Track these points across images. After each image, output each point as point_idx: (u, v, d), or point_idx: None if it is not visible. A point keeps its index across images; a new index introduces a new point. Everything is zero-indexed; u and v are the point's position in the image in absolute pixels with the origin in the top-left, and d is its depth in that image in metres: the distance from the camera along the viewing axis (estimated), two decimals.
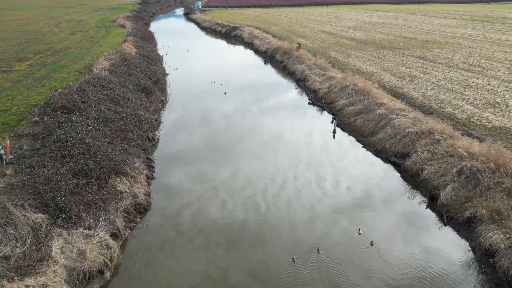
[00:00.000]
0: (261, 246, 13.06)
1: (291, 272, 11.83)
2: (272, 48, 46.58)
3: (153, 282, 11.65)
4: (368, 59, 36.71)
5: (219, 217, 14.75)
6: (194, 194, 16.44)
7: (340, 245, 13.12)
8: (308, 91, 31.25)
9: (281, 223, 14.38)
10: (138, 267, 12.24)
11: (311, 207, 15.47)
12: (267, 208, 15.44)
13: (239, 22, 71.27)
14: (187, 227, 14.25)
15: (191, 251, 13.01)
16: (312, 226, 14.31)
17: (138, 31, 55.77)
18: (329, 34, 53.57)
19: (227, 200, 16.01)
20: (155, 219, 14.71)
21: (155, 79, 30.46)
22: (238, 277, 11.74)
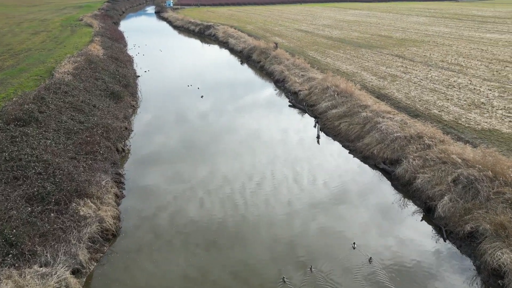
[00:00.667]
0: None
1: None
2: (248, 47, 45.02)
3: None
4: (347, 59, 35.79)
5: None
6: (169, 209, 14.78)
7: (338, 260, 11.84)
8: (288, 93, 29.93)
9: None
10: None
11: (303, 223, 14.13)
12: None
13: (213, 21, 69.29)
14: (164, 250, 12.60)
15: (169, 277, 11.41)
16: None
17: (106, 31, 52.90)
18: (305, 33, 52.54)
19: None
20: (126, 244, 12.95)
21: (124, 83, 28.34)
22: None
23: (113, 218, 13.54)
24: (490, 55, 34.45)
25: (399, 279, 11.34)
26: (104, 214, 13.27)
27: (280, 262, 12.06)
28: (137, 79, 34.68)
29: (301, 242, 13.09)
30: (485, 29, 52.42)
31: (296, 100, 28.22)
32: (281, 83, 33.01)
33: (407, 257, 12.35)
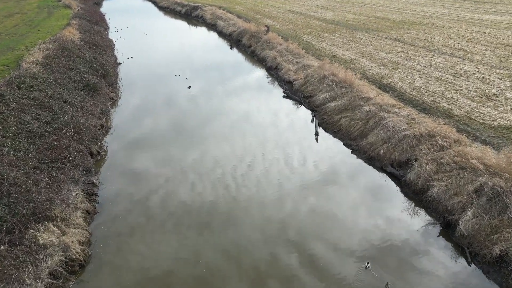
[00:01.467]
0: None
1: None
2: (238, 30, 42.18)
3: None
4: (343, 43, 33.39)
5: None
6: (148, 238, 12.69)
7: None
8: (282, 82, 27.60)
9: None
10: None
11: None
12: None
13: (200, 1, 65.69)
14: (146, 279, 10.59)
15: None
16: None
17: (86, 12, 49.36)
18: (297, 14, 49.70)
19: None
20: (96, 275, 10.87)
21: (103, 72, 25.65)
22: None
23: (81, 244, 11.39)
24: (494, 39, 32.39)
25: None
26: (70, 240, 11.10)
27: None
28: (118, 67, 31.93)
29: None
30: (483, 10, 50.16)
31: (291, 90, 25.93)
32: (273, 70, 30.60)
33: (426, 284, 10.54)
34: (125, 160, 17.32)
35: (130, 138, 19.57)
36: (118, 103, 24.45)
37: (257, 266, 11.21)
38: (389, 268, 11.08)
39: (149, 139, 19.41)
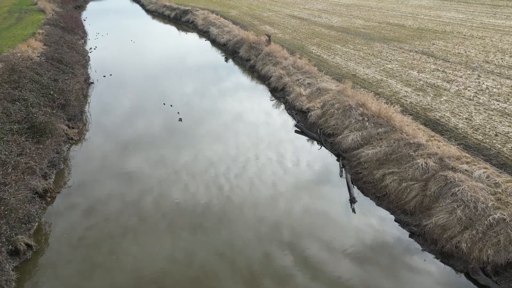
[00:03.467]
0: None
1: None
2: (234, 39, 36.13)
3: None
4: (361, 58, 27.55)
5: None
6: None
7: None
8: (292, 111, 21.66)
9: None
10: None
11: None
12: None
13: (191, 4, 59.41)
14: None
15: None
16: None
17: (61, 18, 42.86)
18: (300, 20, 43.76)
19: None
20: None
21: (61, 102, 19.43)
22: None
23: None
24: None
25: None
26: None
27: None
28: (89, 88, 25.75)
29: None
30: (503, 14, 44.76)
31: (305, 123, 20.01)
32: (279, 92, 24.66)
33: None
34: (74, 270, 11.12)
35: (89, 211, 13.46)
36: (80, 144, 18.33)
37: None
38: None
39: (119, 216, 13.29)
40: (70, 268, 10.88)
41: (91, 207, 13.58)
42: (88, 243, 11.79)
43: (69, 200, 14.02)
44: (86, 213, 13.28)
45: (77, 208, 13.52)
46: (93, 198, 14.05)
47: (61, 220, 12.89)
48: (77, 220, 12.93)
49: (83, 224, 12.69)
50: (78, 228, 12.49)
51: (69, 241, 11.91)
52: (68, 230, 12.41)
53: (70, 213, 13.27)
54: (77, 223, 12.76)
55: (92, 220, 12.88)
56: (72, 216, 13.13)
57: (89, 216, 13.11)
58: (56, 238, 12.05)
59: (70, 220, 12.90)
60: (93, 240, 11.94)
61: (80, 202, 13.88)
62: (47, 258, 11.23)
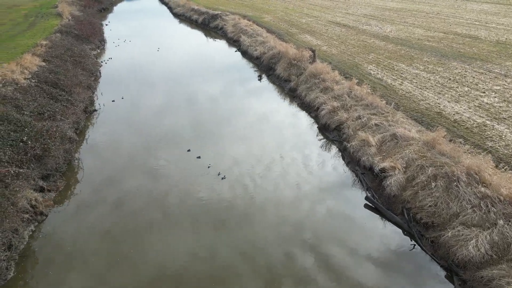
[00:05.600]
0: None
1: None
2: (269, 53, 29.83)
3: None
4: (440, 85, 20.59)
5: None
6: None
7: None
8: (356, 167, 15.16)
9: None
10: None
11: None
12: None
13: (221, 8, 53.61)
14: None
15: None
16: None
17: (76, 24, 37.96)
18: (346, 28, 36.91)
19: None
20: None
21: (36, 152, 13.78)
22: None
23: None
24: None
25: None
26: None
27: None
28: (89, 120, 20.18)
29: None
30: None
31: (377, 190, 13.49)
32: (332, 133, 18.22)
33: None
34: None
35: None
36: (53, 222, 12.64)
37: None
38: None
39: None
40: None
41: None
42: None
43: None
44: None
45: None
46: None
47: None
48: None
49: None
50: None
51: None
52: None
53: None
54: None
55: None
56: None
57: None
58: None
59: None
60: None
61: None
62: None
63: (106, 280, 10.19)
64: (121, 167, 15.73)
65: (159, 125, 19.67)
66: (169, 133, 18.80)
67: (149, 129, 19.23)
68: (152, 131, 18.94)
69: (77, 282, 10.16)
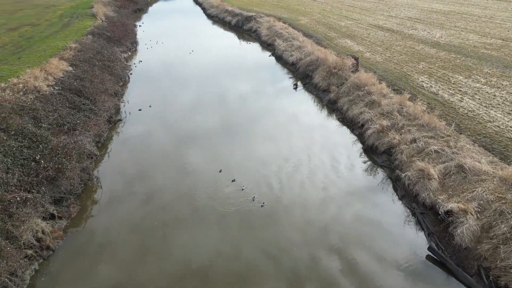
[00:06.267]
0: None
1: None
2: (306, 59, 27.51)
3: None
4: (507, 101, 17.55)
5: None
6: None
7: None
8: (413, 203, 12.65)
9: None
10: None
11: None
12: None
13: (255, 9, 51.67)
14: None
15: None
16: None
17: (109, 25, 37.22)
18: (390, 33, 33.91)
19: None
20: None
21: (49, 174, 12.28)
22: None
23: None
24: None
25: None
26: None
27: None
28: (114, 129, 18.75)
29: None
30: None
31: (443, 238, 10.96)
32: (381, 156, 15.73)
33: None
34: None
35: None
36: (62, 258, 11.11)
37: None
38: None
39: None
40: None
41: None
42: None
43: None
44: None
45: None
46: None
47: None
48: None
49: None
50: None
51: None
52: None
53: None
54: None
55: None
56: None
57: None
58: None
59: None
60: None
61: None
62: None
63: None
64: (143, 187, 14.06)
65: (188, 140, 17.91)
66: (201, 150, 16.99)
67: (177, 144, 17.51)
68: (181, 148, 17.19)
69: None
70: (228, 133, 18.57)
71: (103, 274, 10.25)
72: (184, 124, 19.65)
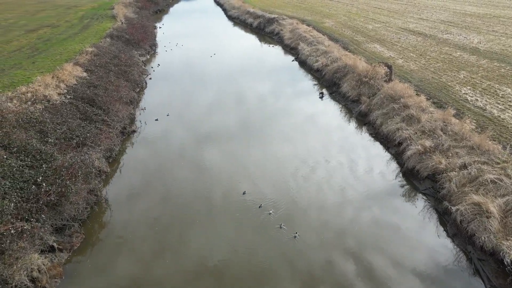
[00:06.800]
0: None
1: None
2: (333, 66, 25.59)
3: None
4: None
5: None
6: None
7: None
8: (470, 250, 10.58)
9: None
10: None
11: None
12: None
13: (277, 10, 49.89)
14: None
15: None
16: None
17: (129, 27, 36.17)
18: (422, 37, 31.54)
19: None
20: None
21: (50, 199, 10.91)
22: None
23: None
24: None
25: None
26: None
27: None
28: (127, 141, 17.39)
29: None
30: None
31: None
32: (424, 183, 13.75)
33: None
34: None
35: None
36: None
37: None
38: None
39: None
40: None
41: None
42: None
43: None
44: None
45: None
46: None
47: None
48: None
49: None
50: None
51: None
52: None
53: None
54: None
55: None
56: None
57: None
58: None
59: None
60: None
61: None
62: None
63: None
64: (156, 211, 12.57)
65: (211, 157, 16.36)
66: (222, 170, 15.40)
67: (197, 163, 15.97)
68: (203, 166, 15.65)
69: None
70: (254, 150, 16.92)
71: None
72: (205, 136, 18.12)
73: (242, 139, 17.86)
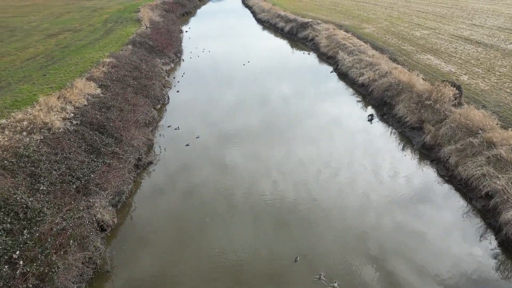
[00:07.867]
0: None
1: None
2: (382, 82, 21.71)
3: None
4: None
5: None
6: None
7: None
8: None
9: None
10: None
11: None
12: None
13: (310, 14, 46.10)
14: None
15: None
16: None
17: (153, 32, 33.43)
18: (482, 47, 27.09)
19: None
20: None
21: (29, 286, 7.87)
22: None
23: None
24: None
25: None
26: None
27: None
28: (141, 175, 14.32)
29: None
30: None
31: None
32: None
33: None
34: None
35: None
36: None
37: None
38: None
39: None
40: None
41: None
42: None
43: None
44: None
45: None
46: None
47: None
48: None
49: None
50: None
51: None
52: None
53: None
54: None
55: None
56: None
57: None
58: None
59: None
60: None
61: None
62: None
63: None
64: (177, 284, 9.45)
65: (254, 200, 13.05)
66: (258, 214, 12.09)
67: (231, 201, 12.69)
68: (238, 210, 12.37)
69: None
70: (296, 190, 13.49)
71: None
72: (243, 171, 14.81)
73: (291, 187, 14.42)
